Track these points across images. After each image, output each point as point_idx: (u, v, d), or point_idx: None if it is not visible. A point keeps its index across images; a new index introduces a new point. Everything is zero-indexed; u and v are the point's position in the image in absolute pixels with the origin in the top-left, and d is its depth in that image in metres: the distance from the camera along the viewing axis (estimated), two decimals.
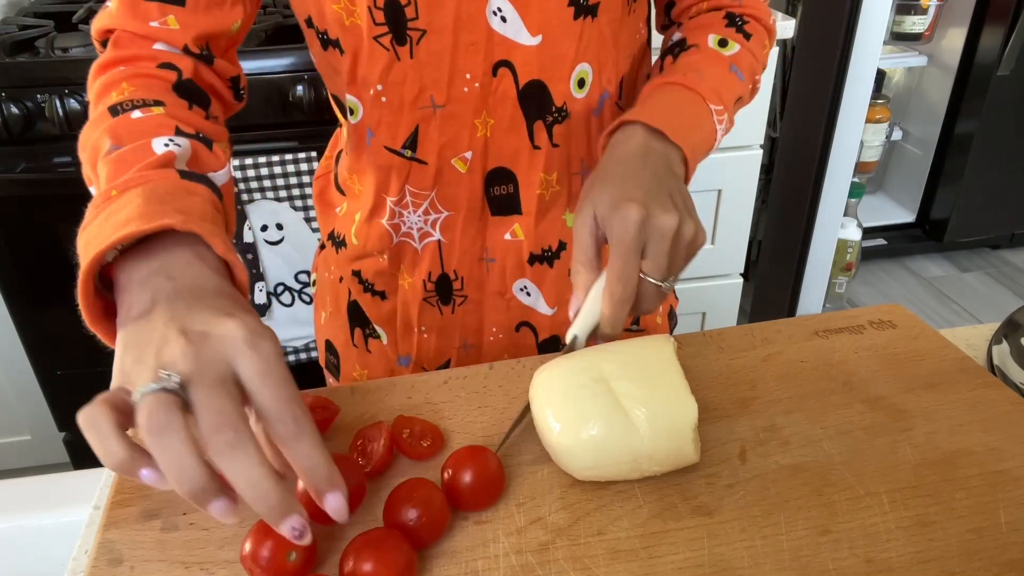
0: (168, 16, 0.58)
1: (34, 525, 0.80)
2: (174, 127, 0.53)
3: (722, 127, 0.62)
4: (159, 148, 0.50)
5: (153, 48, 0.59)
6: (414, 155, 0.63)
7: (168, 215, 0.43)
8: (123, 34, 0.59)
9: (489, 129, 0.62)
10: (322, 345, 0.80)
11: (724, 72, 0.63)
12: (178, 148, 0.51)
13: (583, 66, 0.61)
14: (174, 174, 0.48)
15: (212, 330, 0.39)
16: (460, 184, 0.64)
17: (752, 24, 0.66)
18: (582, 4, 0.58)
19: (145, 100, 0.54)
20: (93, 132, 0.53)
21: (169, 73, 0.58)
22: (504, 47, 0.59)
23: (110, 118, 0.53)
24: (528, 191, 0.65)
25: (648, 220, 0.51)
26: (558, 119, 0.63)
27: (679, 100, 0.60)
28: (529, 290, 0.70)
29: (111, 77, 0.57)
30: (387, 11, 0.57)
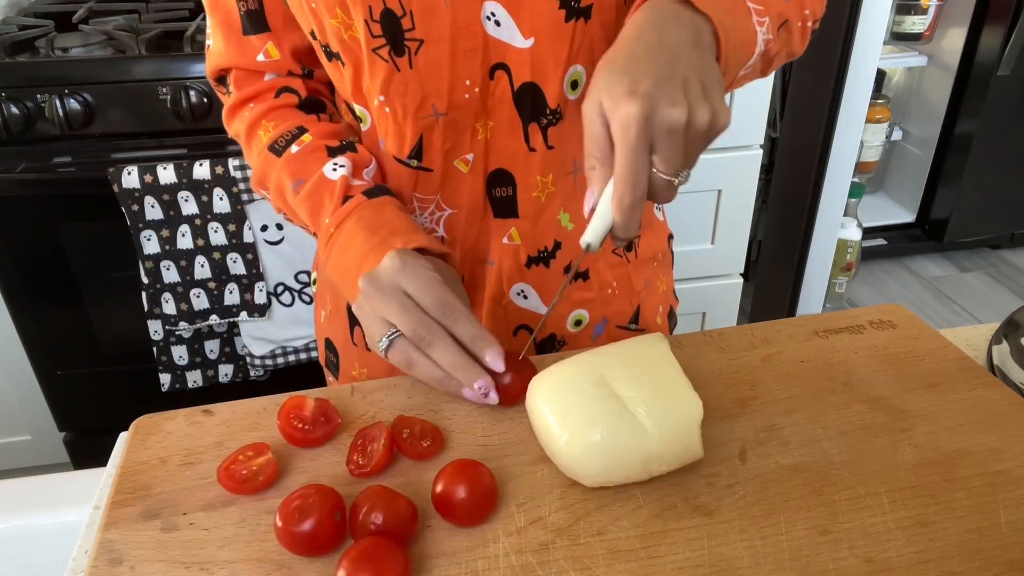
0: (267, 44, 0.66)
1: (34, 525, 0.80)
2: (325, 147, 0.65)
3: (763, 31, 0.55)
4: (332, 174, 0.63)
5: (266, 79, 0.68)
6: (420, 164, 0.64)
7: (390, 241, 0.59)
8: (239, 73, 0.68)
9: (489, 131, 0.63)
10: (322, 344, 0.80)
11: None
12: (344, 169, 0.63)
13: (576, 68, 0.61)
14: (363, 199, 0.62)
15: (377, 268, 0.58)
16: (462, 183, 0.65)
17: None
18: (574, 7, 0.58)
19: (291, 132, 0.66)
20: (268, 171, 0.66)
21: (290, 97, 0.68)
22: (499, 50, 0.59)
23: (276, 158, 0.65)
24: (525, 193, 0.66)
25: (652, 116, 0.47)
26: (552, 121, 0.63)
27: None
28: (526, 293, 0.71)
29: (250, 117, 0.68)
30: (383, 23, 0.57)
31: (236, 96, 0.68)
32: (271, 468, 0.51)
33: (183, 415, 0.58)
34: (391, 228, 0.60)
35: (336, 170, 0.63)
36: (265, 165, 0.66)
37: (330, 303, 0.77)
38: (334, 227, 0.62)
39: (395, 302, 0.56)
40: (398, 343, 0.56)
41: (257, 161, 0.67)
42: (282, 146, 0.65)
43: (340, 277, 0.62)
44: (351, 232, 0.61)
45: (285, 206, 0.67)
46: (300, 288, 1.42)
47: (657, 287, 0.78)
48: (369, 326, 0.58)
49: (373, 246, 0.59)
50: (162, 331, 1.41)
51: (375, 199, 0.62)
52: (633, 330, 0.76)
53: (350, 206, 0.61)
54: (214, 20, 0.67)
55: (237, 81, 0.68)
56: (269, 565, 0.46)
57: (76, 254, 1.39)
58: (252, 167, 0.68)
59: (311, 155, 0.64)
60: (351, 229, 0.61)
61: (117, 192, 1.27)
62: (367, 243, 0.59)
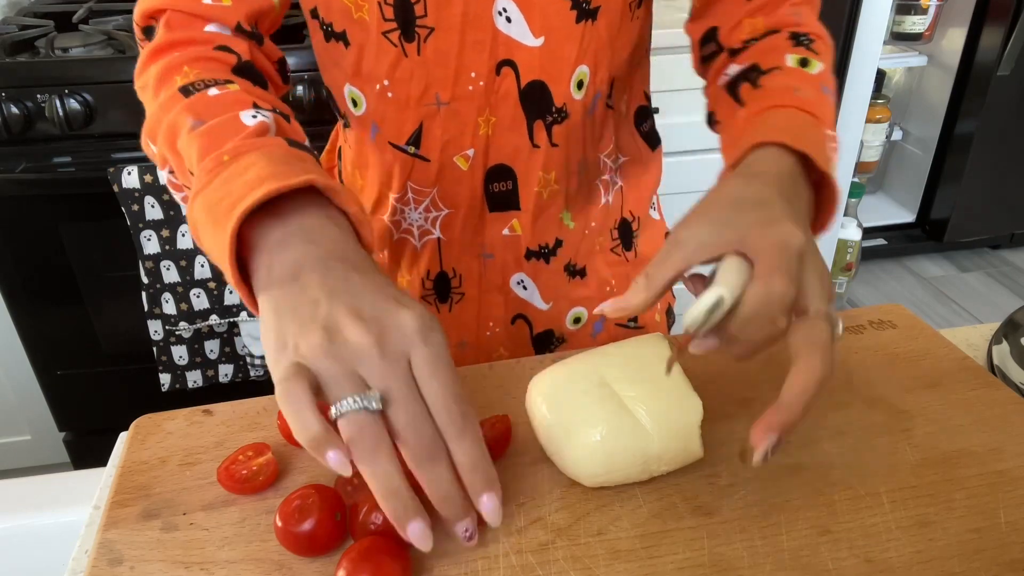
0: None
1: (34, 525, 0.80)
2: (252, 102, 0.51)
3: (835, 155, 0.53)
4: (249, 120, 0.49)
5: (205, 30, 0.57)
6: (417, 152, 0.64)
7: (300, 174, 0.43)
8: (175, 15, 0.57)
9: (491, 127, 0.62)
10: None
11: (819, 93, 0.56)
12: (266, 119, 0.50)
13: (582, 68, 0.61)
14: (283, 142, 0.47)
15: (386, 320, 0.40)
16: (461, 182, 0.65)
17: (819, 43, 0.61)
18: (584, 8, 0.58)
19: (216, 79, 0.53)
20: (166, 114, 0.51)
21: (227, 56, 0.56)
22: (508, 47, 0.59)
23: (183, 98, 0.51)
24: (527, 188, 0.66)
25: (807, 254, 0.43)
26: (558, 119, 0.63)
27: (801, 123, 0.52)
28: (525, 284, 0.71)
29: (169, 62, 0.54)
30: (396, 7, 0.57)
31: (164, 38, 0.56)
32: (271, 468, 0.51)
33: (183, 415, 0.58)
34: (308, 167, 0.46)
35: (256, 117, 0.49)
36: (164, 108, 0.52)
37: None
38: (230, 155, 0.46)
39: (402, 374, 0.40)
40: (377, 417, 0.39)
41: (157, 105, 0.53)
42: (198, 88, 0.52)
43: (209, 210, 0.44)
44: (250, 160, 0.45)
45: (172, 151, 0.51)
46: None
47: None
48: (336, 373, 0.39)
49: (275, 172, 0.43)
50: (162, 331, 1.41)
51: (297, 149, 0.48)
52: (632, 328, 0.76)
53: (260, 141, 0.47)
54: None
55: (169, 22, 0.56)
56: (269, 565, 0.46)
57: (76, 254, 1.39)
58: (147, 115, 0.54)
59: (231, 103, 0.50)
60: (251, 158, 0.45)
61: (117, 192, 1.27)
62: (268, 168, 0.43)
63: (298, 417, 0.38)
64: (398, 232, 0.68)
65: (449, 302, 0.71)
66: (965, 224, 2.54)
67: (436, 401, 0.40)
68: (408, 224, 0.68)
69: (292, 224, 0.43)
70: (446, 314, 0.71)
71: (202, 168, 0.46)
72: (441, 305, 0.71)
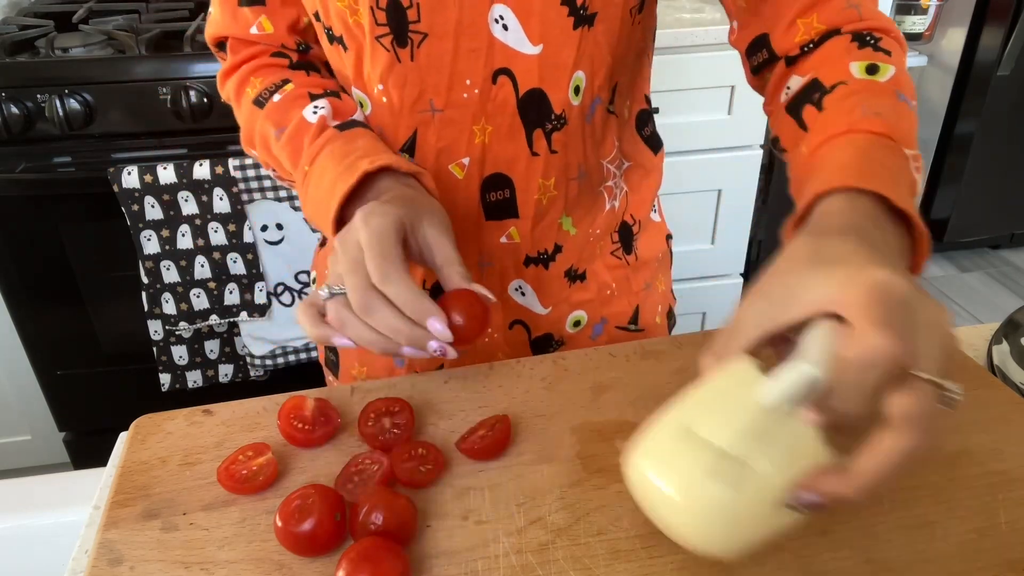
0: (260, 18, 0.66)
1: (34, 525, 0.80)
2: (307, 94, 0.63)
3: (919, 177, 0.48)
4: (310, 117, 0.62)
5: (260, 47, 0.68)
6: (412, 160, 0.64)
7: (358, 165, 0.56)
8: (234, 41, 0.68)
9: (487, 136, 0.62)
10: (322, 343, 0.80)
11: (895, 103, 0.50)
12: (324, 110, 0.62)
13: (578, 74, 0.61)
14: (334, 132, 0.60)
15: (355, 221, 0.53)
16: (456, 190, 0.64)
17: (886, 40, 0.55)
18: (581, 14, 0.58)
19: (276, 84, 0.65)
20: (254, 125, 0.65)
21: (282, 60, 0.68)
22: (505, 55, 0.59)
23: (260, 110, 0.64)
24: (525, 196, 0.65)
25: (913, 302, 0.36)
26: (557, 126, 0.63)
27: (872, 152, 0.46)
28: (524, 290, 0.70)
29: (238, 78, 0.67)
30: (389, 12, 0.57)
31: (231, 60, 0.68)
32: (271, 468, 0.51)
33: (183, 415, 0.58)
34: (360, 153, 0.58)
35: (316, 112, 0.62)
36: (251, 119, 0.66)
37: None
38: (308, 164, 0.60)
39: (347, 259, 0.52)
40: (337, 300, 0.52)
41: (244, 117, 0.67)
42: (266, 97, 0.65)
43: (315, 214, 0.60)
44: (323, 165, 0.59)
45: (272, 158, 0.65)
46: (300, 288, 1.42)
47: (657, 287, 0.78)
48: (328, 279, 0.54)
49: (340, 173, 0.57)
50: (162, 331, 1.41)
51: (347, 131, 0.61)
52: (632, 331, 0.76)
53: (322, 140, 0.60)
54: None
55: (232, 48, 0.69)
56: (269, 565, 0.46)
57: (76, 254, 1.39)
58: (240, 125, 0.68)
59: (293, 103, 0.63)
60: (323, 162, 0.59)
61: (117, 192, 1.27)
62: (335, 170, 0.57)
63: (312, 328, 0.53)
64: None
65: None
66: (965, 224, 2.54)
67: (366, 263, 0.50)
68: None
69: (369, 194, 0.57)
70: None
71: (297, 183, 0.62)
72: None
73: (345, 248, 0.52)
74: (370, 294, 0.50)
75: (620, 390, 0.58)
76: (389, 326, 0.51)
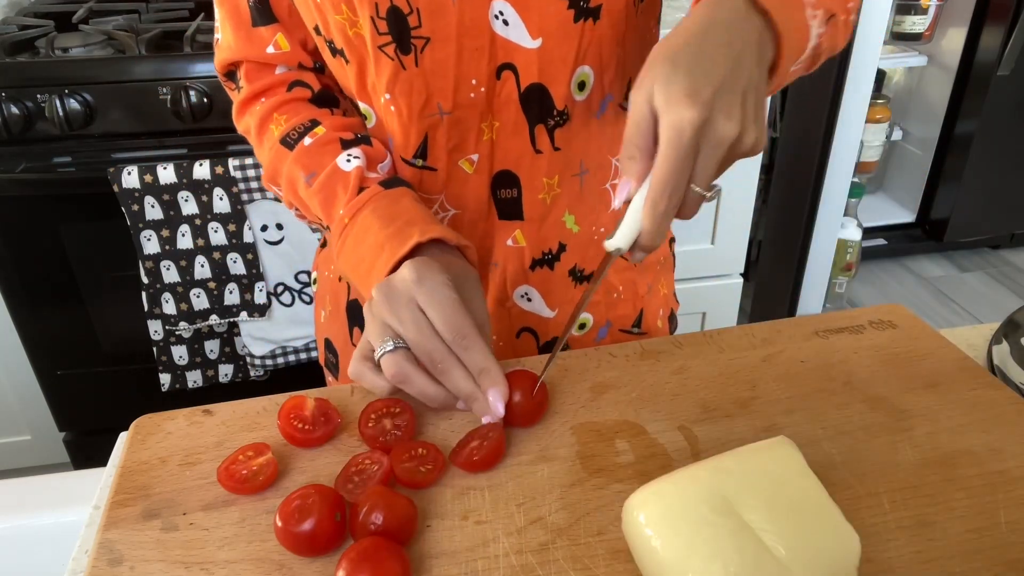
0: (276, 36, 0.65)
1: (34, 525, 0.80)
2: (339, 140, 0.63)
3: (816, 24, 0.52)
4: (344, 165, 0.62)
5: (277, 73, 0.67)
6: (425, 164, 0.64)
7: (408, 233, 0.57)
8: (250, 67, 0.67)
9: (495, 132, 0.62)
10: (322, 344, 0.80)
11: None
12: (359, 160, 0.62)
13: (583, 68, 0.61)
14: (379, 189, 0.61)
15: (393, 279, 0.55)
16: (467, 183, 0.65)
17: None
18: (582, 7, 0.57)
19: (304, 124, 0.65)
20: (281, 165, 0.65)
21: (302, 91, 0.67)
22: (506, 50, 0.58)
23: (288, 151, 0.64)
24: (531, 195, 0.65)
25: (707, 125, 0.45)
26: (559, 122, 0.62)
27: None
28: (530, 296, 0.70)
29: (261, 112, 0.66)
30: (390, 20, 0.57)
31: (247, 90, 0.67)
32: (271, 468, 0.51)
33: (183, 415, 0.58)
34: (407, 218, 0.59)
35: (350, 161, 0.62)
36: (277, 160, 0.65)
37: (330, 303, 0.77)
38: (348, 217, 0.60)
39: (408, 317, 0.53)
40: (399, 354, 0.53)
41: (268, 156, 0.66)
42: (294, 139, 0.64)
43: (354, 269, 0.60)
44: (366, 222, 0.59)
45: (298, 200, 0.65)
46: (300, 288, 1.42)
47: (659, 290, 0.78)
48: (372, 329, 0.55)
49: (389, 236, 0.57)
50: (162, 331, 1.41)
51: (392, 189, 0.61)
52: (636, 334, 0.76)
53: (365, 196, 0.60)
54: (222, 12, 0.66)
55: (248, 75, 0.67)
56: (269, 565, 0.46)
57: (76, 254, 1.39)
58: (263, 163, 0.67)
59: (324, 147, 0.63)
60: (366, 219, 0.59)
61: (117, 192, 1.27)
62: (382, 232, 0.58)
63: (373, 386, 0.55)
64: None
65: None
66: (965, 224, 2.54)
67: (437, 324, 0.52)
68: None
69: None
70: None
71: (333, 233, 0.62)
72: None
73: (397, 304, 0.53)
74: (447, 355, 0.53)
75: (620, 390, 0.58)
76: (460, 388, 0.53)
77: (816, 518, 0.41)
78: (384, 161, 0.65)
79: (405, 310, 0.53)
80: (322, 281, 0.79)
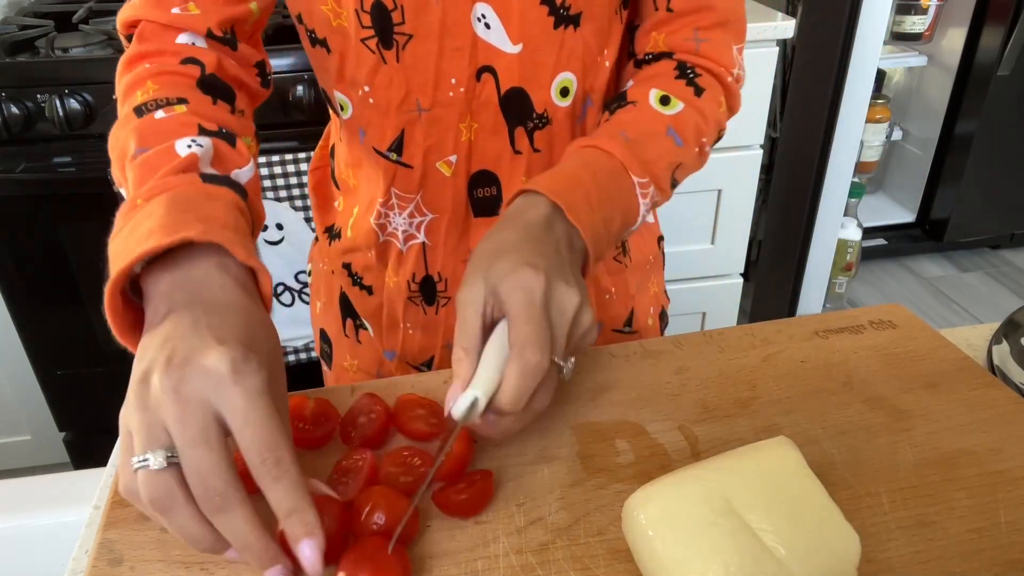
0: (188, 3, 0.58)
1: (34, 525, 0.80)
2: (197, 125, 0.52)
3: (646, 201, 0.57)
4: (182, 150, 0.50)
5: (177, 41, 0.58)
6: (399, 159, 0.64)
7: (189, 225, 0.43)
8: (148, 25, 0.58)
9: (473, 133, 0.62)
10: (317, 334, 0.82)
11: (658, 136, 0.58)
12: (200, 148, 0.50)
13: (565, 75, 0.61)
14: (196, 179, 0.48)
15: (193, 361, 0.38)
16: (445, 187, 0.64)
17: (706, 78, 0.61)
18: (563, 14, 0.58)
19: (168, 99, 0.54)
20: (121, 132, 0.53)
21: (192, 68, 0.57)
22: (487, 53, 0.59)
23: (136, 119, 0.53)
24: (510, 194, 0.65)
25: (550, 290, 0.45)
26: (539, 125, 0.63)
27: (595, 169, 0.54)
28: None
29: (136, 75, 0.56)
30: (374, 14, 0.57)
31: (135, 48, 0.58)
32: None
33: None
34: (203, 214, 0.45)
35: (191, 147, 0.50)
36: (119, 125, 0.54)
37: (324, 295, 0.78)
38: (143, 197, 0.46)
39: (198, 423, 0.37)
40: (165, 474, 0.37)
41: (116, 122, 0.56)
42: (149, 108, 0.53)
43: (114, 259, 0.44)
44: (154, 207, 0.45)
45: (121, 174, 0.53)
46: (300, 288, 1.42)
47: (648, 289, 0.78)
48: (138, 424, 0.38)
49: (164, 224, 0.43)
50: None
51: (210, 185, 0.48)
52: (627, 333, 0.76)
53: (175, 181, 0.47)
54: None
55: (142, 33, 0.58)
56: None
57: (76, 254, 1.39)
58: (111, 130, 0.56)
59: (175, 127, 0.52)
60: (156, 203, 0.45)
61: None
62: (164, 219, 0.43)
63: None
64: (384, 235, 0.68)
65: (436, 305, 0.71)
66: (965, 224, 2.54)
67: (247, 448, 0.38)
68: (393, 228, 0.68)
69: (179, 274, 0.43)
70: (432, 316, 0.71)
71: (120, 209, 0.47)
72: (428, 308, 0.71)
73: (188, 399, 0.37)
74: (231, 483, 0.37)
75: (620, 390, 0.58)
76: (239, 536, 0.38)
77: (816, 518, 0.42)
78: (243, 168, 0.53)
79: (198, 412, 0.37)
80: (316, 273, 0.79)
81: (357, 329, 0.76)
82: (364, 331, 0.76)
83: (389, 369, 0.75)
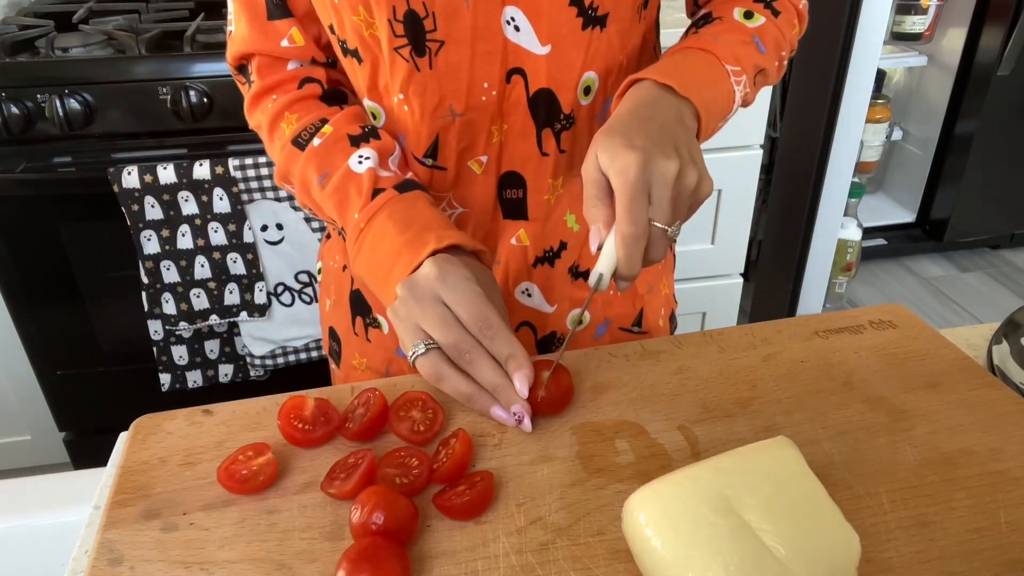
0: (291, 30, 0.65)
1: (34, 525, 0.80)
2: (347, 137, 0.64)
3: (740, 88, 0.61)
4: (358, 167, 0.62)
5: (289, 68, 0.67)
6: (435, 163, 0.65)
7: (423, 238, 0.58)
8: (262, 60, 0.67)
9: (503, 134, 0.64)
10: (326, 332, 0.81)
11: (745, 40, 0.62)
12: (369, 160, 0.62)
13: (589, 74, 0.62)
14: (395, 195, 0.61)
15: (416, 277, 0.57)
16: (475, 183, 0.66)
17: (782, 2, 0.66)
18: (591, 15, 0.59)
19: (314, 124, 0.65)
20: (293, 166, 0.65)
21: (313, 88, 0.67)
22: (517, 55, 0.60)
23: (300, 152, 0.64)
24: (536, 196, 0.67)
25: (648, 164, 0.51)
26: (566, 126, 0.64)
27: (692, 60, 0.60)
28: (531, 291, 0.71)
29: (273, 109, 0.66)
30: (407, 23, 0.58)
31: (259, 85, 0.67)
32: (271, 468, 0.51)
33: (183, 415, 0.58)
34: (423, 223, 0.59)
35: (362, 163, 0.62)
36: (289, 160, 0.65)
37: (334, 292, 0.78)
38: (364, 222, 0.61)
39: (435, 314, 0.54)
40: (432, 355, 0.54)
41: (281, 156, 0.66)
42: (305, 140, 0.64)
43: (371, 274, 0.61)
44: (382, 228, 0.60)
45: (311, 201, 0.65)
46: (300, 288, 1.42)
47: (660, 290, 0.78)
48: (403, 332, 0.56)
49: (406, 242, 0.58)
50: (162, 331, 1.41)
51: (406, 193, 0.61)
52: (636, 333, 0.77)
53: (380, 200, 0.60)
54: (237, 5, 0.66)
55: (260, 69, 0.67)
56: (269, 565, 0.46)
57: (76, 254, 1.39)
58: (275, 161, 0.67)
59: (334, 147, 0.63)
60: (382, 224, 0.60)
61: (117, 192, 1.27)
62: (400, 238, 0.58)
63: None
64: None
65: None
66: (965, 224, 2.54)
67: (462, 317, 0.54)
68: None
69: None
70: None
71: (349, 237, 0.62)
72: None
73: (422, 302, 0.55)
74: (474, 346, 0.54)
75: (620, 390, 0.58)
76: (487, 379, 0.54)
77: (816, 518, 0.42)
78: (394, 154, 0.65)
79: (430, 306, 0.54)
80: (327, 271, 0.79)
81: (367, 327, 0.76)
82: (373, 329, 0.76)
83: (399, 367, 0.75)
